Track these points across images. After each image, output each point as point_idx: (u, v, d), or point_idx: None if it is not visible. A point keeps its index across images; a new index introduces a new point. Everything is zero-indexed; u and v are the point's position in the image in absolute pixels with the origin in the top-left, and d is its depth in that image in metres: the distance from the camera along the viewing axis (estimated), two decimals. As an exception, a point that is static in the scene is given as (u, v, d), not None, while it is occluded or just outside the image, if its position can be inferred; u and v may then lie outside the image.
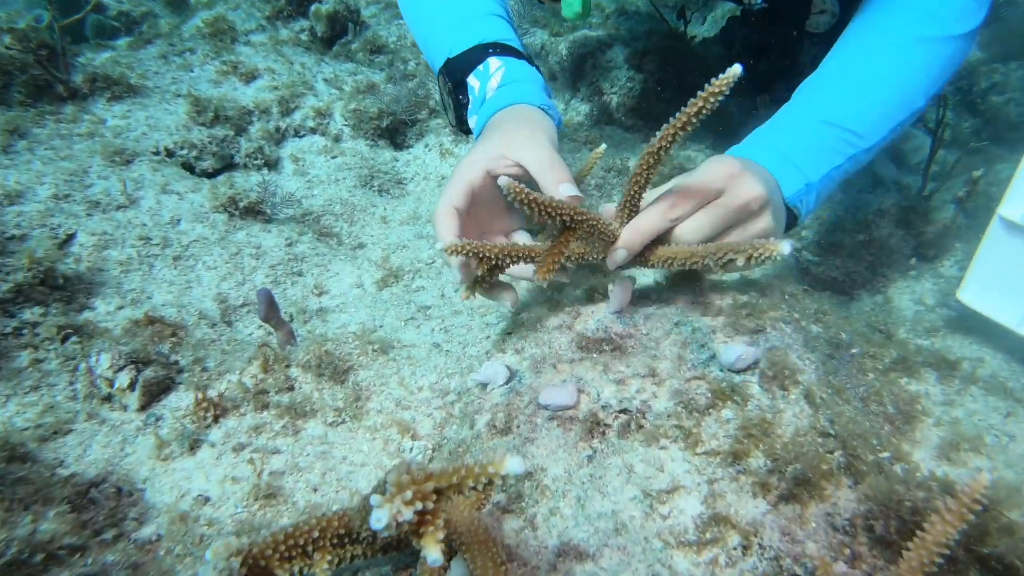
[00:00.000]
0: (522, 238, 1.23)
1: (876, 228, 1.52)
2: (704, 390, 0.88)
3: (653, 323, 1.10)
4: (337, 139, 2.19)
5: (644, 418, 0.89)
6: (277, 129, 2.17)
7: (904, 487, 0.69)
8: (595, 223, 1.01)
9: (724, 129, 2.16)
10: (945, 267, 1.46)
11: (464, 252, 0.98)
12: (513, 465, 0.49)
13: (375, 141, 2.21)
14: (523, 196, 0.90)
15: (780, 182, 1.17)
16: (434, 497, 0.49)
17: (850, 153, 1.25)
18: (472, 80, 1.36)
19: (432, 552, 0.49)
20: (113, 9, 3.07)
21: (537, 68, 1.42)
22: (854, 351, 1.00)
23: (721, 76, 0.85)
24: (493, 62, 1.34)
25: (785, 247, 0.84)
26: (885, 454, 0.79)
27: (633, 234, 1.05)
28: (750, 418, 0.83)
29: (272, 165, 2.11)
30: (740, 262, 0.92)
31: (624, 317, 1.13)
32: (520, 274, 1.16)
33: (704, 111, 0.88)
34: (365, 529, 0.62)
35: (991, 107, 2.08)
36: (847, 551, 0.70)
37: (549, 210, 0.94)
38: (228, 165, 2.07)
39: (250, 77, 2.27)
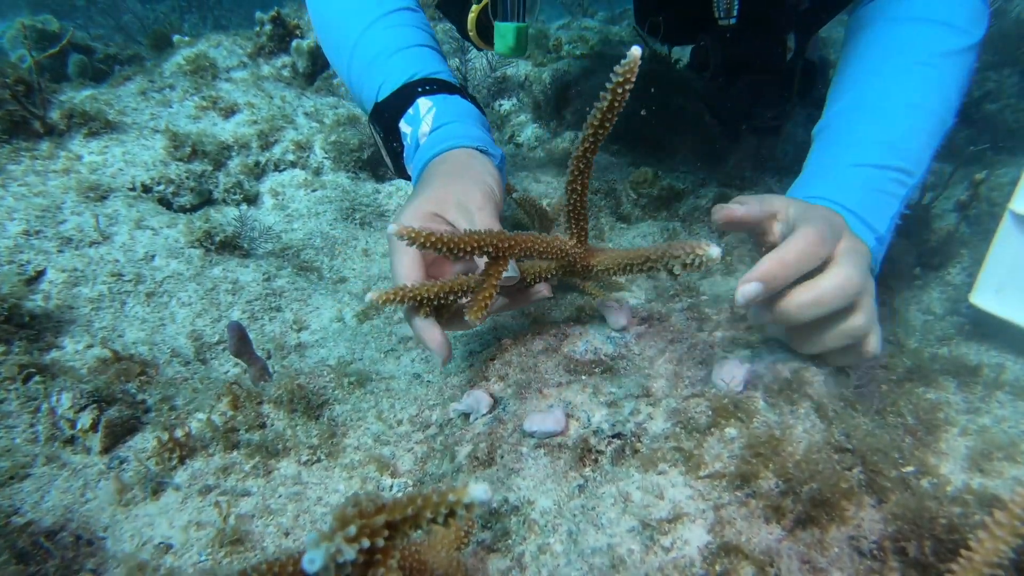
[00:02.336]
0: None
1: (877, 238, 1.46)
2: (704, 408, 0.80)
3: (646, 342, 1.03)
4: (317, 172, 2.14)
5: (640, 442, 0.81)
6: (256, 163, 2.11)
7: (936, 503, 0.61)
8: (531, 245, 0.90)
9: (709, 159, 2.11)
10: (952, 275, 1.39)
11: (395, 300, 0.89)
12: (478, 492, 0.41)
13: (356, 173, 2.15)
14: (426, 240, 0.79)
15: None
16: (385, 533, 0.41)
17: (903, 194, 1.14)
18: (404, 126, 1.25)
19: (383, 598, 0.41)
20: (100, 52, 3.05)
21: (472, 98, 1.31)
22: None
23: (623, 62, 0.73)
24: (423, 103, 1.23)
25: (714, 251, 0.72)
26: (909, 468, 0.70)
27: (779, 267, 0.81)
28: (757, 436, 0.75)
29: (251, 200, 2.05)
30: (677, 269, 0.77)
31: (615, 337, 1.05)
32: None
33: (616, 105, 0.76)
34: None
35: (986, 115, 2.03)
36: (876, 580, 0.61)
37: (464, 247, 0.82)
38: (206, 200, 2.01)
39: (230, 112, 2.22)
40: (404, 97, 1.26)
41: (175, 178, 1.95)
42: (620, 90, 0.73)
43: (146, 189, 1.91)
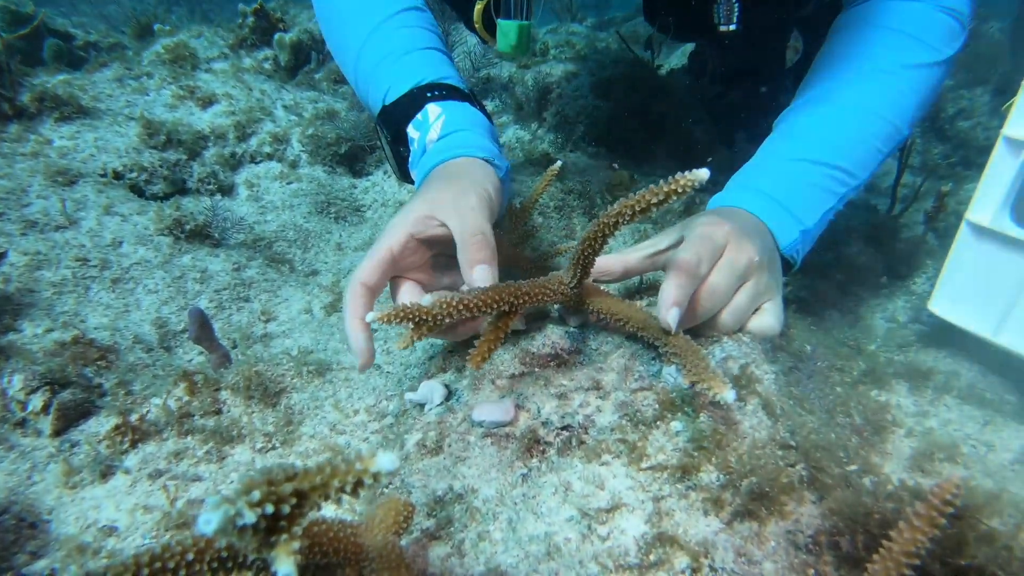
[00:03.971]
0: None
1: (845, 246, 1.47)
2: (651, 401, 0.80)
3: (603, 337, 1.02)
4: (294, 165, 2.13)
5: (586, 433, 0.80)
6: (232, 155, 2.10)
7: (872, 499, 0.61)
8: (540, 295, 0.91)
9: (686, 164, 2.11)
10: (917, 284, 1.40)
11: (397, 320, 0.85)
12: (384, 462, 0.40)
13: (333, 167, 2.14)
14: (443, 311, 0.81)
15: (775, 232, 1.08)
16: (293, 500, 0.40)
17: (842, 192, 1.16)
18: (412, 131, 1.22)
19: (284, 565, 0.40)
20: (80, 39, 3.02)
21: (481, 106, 1.29)
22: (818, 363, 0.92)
23: (688, 176, 0.74)
24: (432, 109, 1.20)
25: (729, 395, 0.71)
26: (853, 467, 0.70)
27: (683, 294, 0.89)
28: (702, 430, 0.74)
29: (226, 190, 2.04)
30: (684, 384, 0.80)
31: (573, 333, 1.05)
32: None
33: (660, 204, 0.77)
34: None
35: (959, 132, 2.06)
36: (811, 571, 0.61)
37: (483, 308, 0.83)
38: (180, 190, 1.99)
39: (207, 102, 2.21)
40: (413, 101, 1.23)
41: (148, 166, 1.93)
42: (672, 195, 0.74)
43: (117, 176, 1.89)
